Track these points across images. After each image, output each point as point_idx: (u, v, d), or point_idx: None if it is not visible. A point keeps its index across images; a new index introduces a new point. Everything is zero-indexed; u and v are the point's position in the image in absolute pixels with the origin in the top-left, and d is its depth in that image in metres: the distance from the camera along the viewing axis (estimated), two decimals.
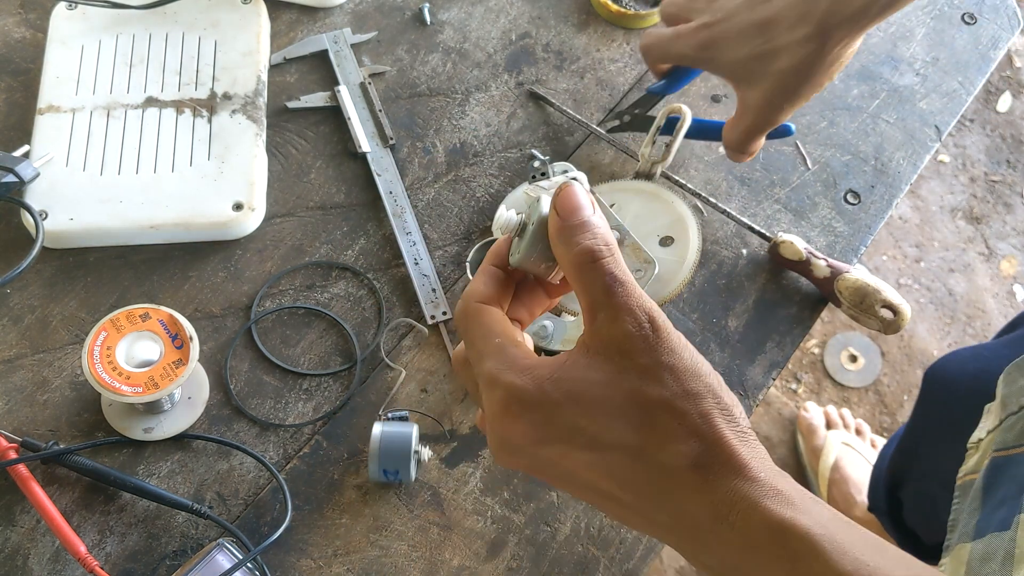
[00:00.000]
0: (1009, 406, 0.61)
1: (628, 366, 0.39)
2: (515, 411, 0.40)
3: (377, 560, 0.63)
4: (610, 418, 0.39)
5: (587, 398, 0.39)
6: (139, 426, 0.65)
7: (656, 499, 0.39)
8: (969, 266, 1.66)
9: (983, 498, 0.60)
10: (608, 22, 0.86)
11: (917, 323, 1.59)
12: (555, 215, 0.42)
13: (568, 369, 0.40)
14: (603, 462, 0.39)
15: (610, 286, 0.40)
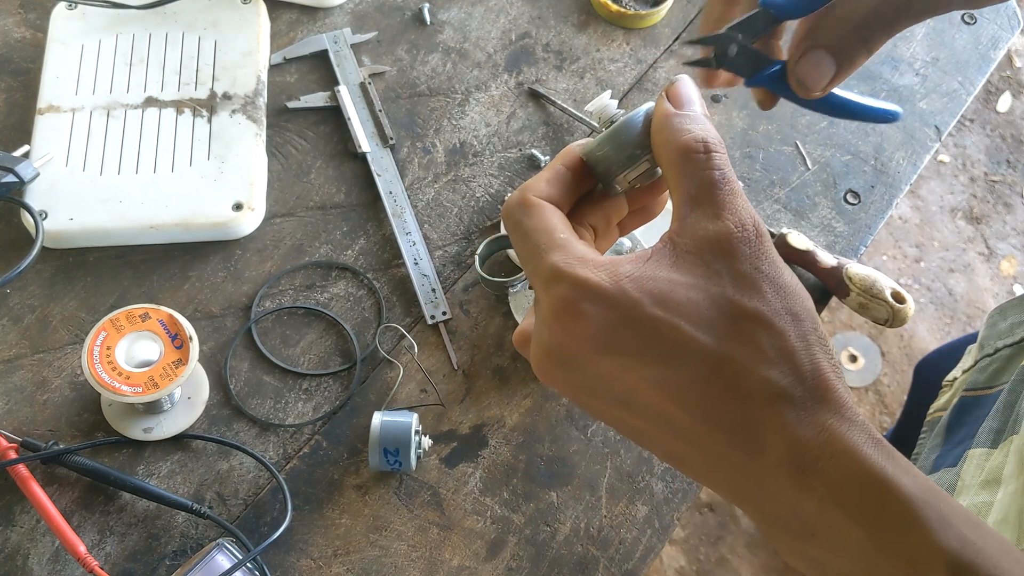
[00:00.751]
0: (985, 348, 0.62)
1: (723, 270, 0.33)
2: (582, 309, 0.33)
3: (377, 560, 0.63)
4: (695, 326, 0.33)
5: (671, 301, 0.33)
6: (139, 426, 0.65)
7: (731, 432, 0.33)
8: (969, 266, 1.66)
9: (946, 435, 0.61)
10: (608, 22, 0.86)
11: (917, 323, 1.60)
12: (665, 103, 0.37)
13: (651, 267, 0.34)
14: (675, 379, 0.33)
15: (717, 181, 0.35)
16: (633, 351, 0.33)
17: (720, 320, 0.33)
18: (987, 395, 0.60)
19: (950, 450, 0.59)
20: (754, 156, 0.80)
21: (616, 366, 0.34)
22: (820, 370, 0.32)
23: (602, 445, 0.68)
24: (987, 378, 0.61)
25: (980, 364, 0.62)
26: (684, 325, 0.33)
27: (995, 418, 0.55)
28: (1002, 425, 0.54)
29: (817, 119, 0.82)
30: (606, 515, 0.65)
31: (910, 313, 0.71)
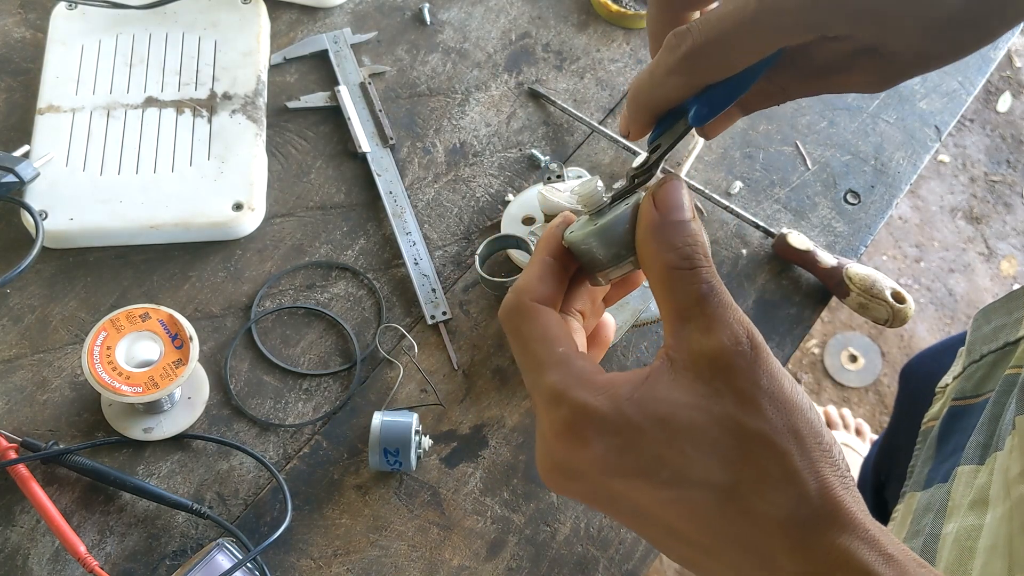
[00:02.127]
0: (972, 353, 0.61)
1: (722, 388, 0.33)
2: (586, 435, 0.34)
3: (377, 560, 0.63)
4: (699, 450, 0.33)
5: (674, 424, 0.33)
6: (139, 426, 0.65)
7: (742, 549, 0.33)
8: (969, 266, 1.66)
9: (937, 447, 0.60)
10: (608, 22, 0.86)
11: (917, 323, 1.60)
12: (652, 209, 0.36)
13: (651, 387, 0.34)
14: (685, 501, 0.33)
15: (706, 295, 0.34)
16: (640, 474, 0.33)
17: (725, 442, 0.33)
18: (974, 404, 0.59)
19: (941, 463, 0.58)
20: (754, 156, 0.80)
21: (626, 486, 0.34)
22: (827, 488, 0.32)
23: None
24: (973, 386, 0.60)
25: (968, 371, 0.61)
26: (689, 450, 0.33)
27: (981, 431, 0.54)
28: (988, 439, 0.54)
29: (817, 119, 0.82)
30: (606, 515, 0.65)
31: (910, 313, 0.71)
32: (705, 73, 0.35)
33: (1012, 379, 0.55)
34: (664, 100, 0.37)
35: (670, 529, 0.34)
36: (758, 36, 0.33)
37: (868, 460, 1.08)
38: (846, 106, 0.83)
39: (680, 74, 0.35)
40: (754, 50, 0.34)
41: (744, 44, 0.34)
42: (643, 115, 0.38)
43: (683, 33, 0.35)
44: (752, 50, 0.34)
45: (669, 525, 0.34)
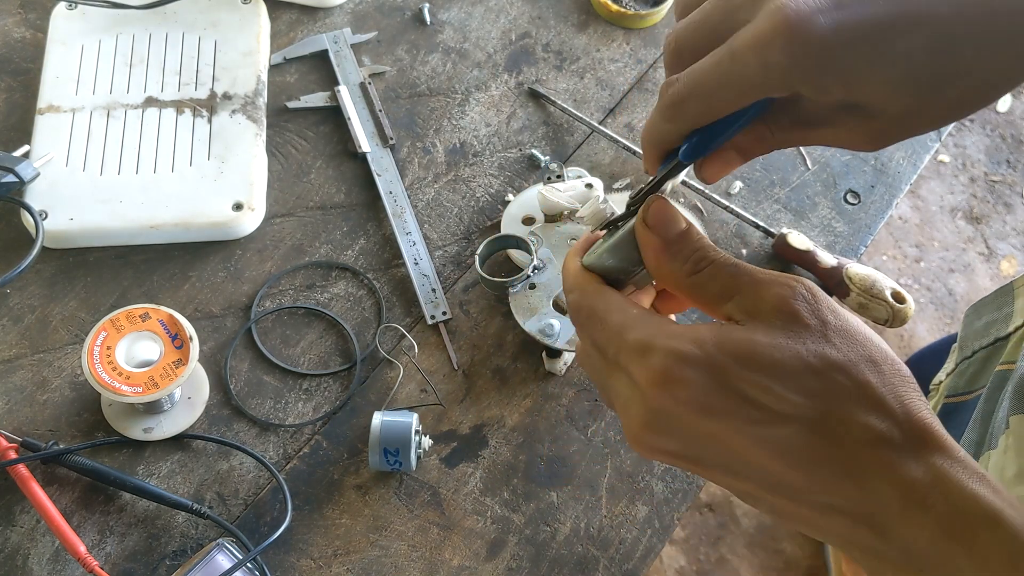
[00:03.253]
0: (964, 350, 0.61)
1: (795, 329, 0.35)
2: (678, 375, 0.35)
3: (377, 560, 0.63)
4: (785, 384, 0.34)
5: (758, 361, 0.34)
6: (139, 426, 0.65)
7: (835, 481, 0.34)
8: (969, 266, 1.66)
9: None
10: (608, 22, 0.86)
11: (917, 323, 1.60)
12: (648, 233, 0.39)
13: (730, 333, 0.35)
14: (776, 437, 0.34)
15: (735, 275, 0.37)
16: (731, 412, 0.34)
17: (807, 376, 0.34)
18: (967, 401, 0.59)
19: None
20: None
21: (717, 427, 0.35)
22: (913, 411, 0.34)
23: (602, 445, 0.68)
24: (966, 382, 0.60)
25: (960, 367, 0.61)
26: (774, 385, 0.34)
27: (974, 429, 0.54)
28: (981, 437, 0.53)
29: None
30: (606, 515, 0.65)
31: (910, 313, 0.71)
32: (689, 119, 0.38)
33: (1003, 375, 0.55)
34: (660, 141, 0.39)
35: (761, 472, 0.35)
36: (730, 90, 0.35)
37: None
38: None
39: (669, 120, 0.38)
40: (729, 102, 0.36)
41: (719, 96, 0.36)
42: (649, 154, 0.41)
43: (671, 83, 0.37)
44: (727, 102, 0.36)
45: (762, 466, 0.34)
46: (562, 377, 0.70)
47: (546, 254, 0.69)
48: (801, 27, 0.33)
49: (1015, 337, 0.57)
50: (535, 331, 0.66)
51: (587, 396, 0.69)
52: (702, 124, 0.38)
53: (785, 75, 0.34)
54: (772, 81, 0.35)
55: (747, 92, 0.36)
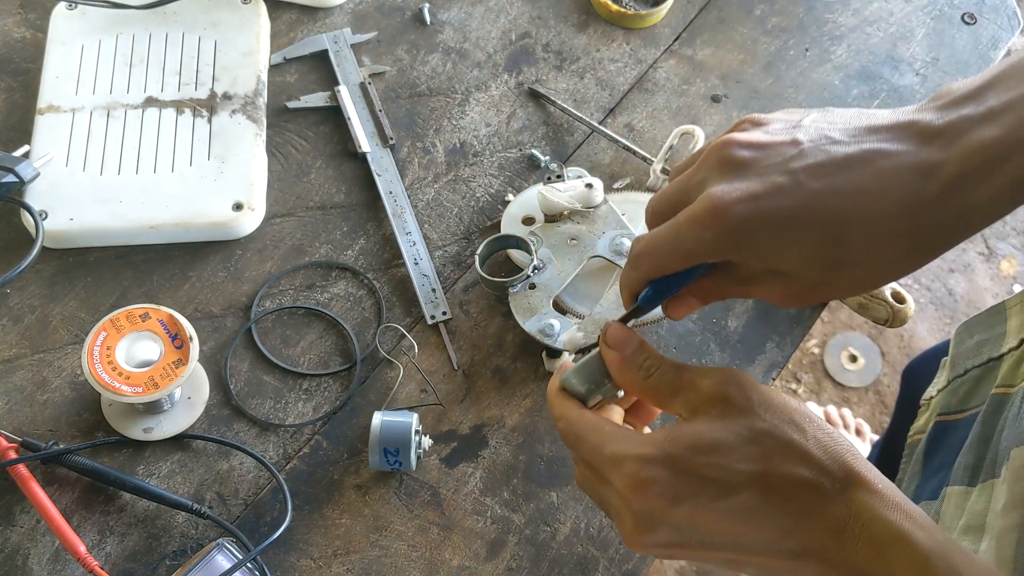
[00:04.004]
0: (956, 367, 0.61)
1: (728, 411, 0.43)
2: (646, 476, 0.42)
3: (377, 560, 0.63)
4: (730, 458, 0.41)
5: (705, 446, 0.42)
6: (139, 426, 0.65)
7: (787, 527, 0.41)
8: (969, 266, 1.66)
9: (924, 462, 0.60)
10: (608, 22, 0.86)
11: (917, 323, 1.60)
12: (609, 351, 0.48)
13: (678, 429, 0.43)
14: (734, 504, 0.41)
15: (677, 375, 0.46)
16: (695, 492, 0.42)
17: (745, 446, 0.42)
18: (960, 420, 0.59)
19: (928, 479, 0.58)
20: None
21: (690, 510, 0.42)
22: (836, 456, 0.41)
23: None
24: (959, 401, 0.60)
25: (952, 385, 0.61)
26: (722, 461, 0.42)
27: (970, 452, 0.54)
28: (978, 461, 0.53)
29: None
30: (606, 515, 0.65)
31: (910, 313, 0.71)
32: (646, 271, 0.47)
33: (1000, 399, 0.55)
34: (628, 285, 0.49)
35: (735, 537, 0.41)
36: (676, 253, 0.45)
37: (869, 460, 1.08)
38: (846, 106, 0.83)
39: (633, 269, 0.48)
40: (675, 261, 0.45)
41: (667, 256, 0.45)
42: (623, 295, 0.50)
43: (637, 240, 0.47)
44: (674, 261, 0.45)
45: (733, 533, 0.41)
46: None
47: (546, 254, 0.69)
48: (723, 211, 0.42)
49: (1009, 358, 0.57)
50: (535, 331, 0.66)
51: None
52: (657, 275, 0.47)
53: (713, 246, 0.43)
54: (704, 249, 0.43)
55: (687, 256, 0.45)
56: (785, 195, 0.42)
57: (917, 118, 0.42)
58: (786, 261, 0.43)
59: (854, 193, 0.41)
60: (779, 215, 0.42)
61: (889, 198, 0.41)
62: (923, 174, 0.40)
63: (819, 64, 0.85)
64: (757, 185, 0.42)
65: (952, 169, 0.40)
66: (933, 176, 0.40)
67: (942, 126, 0.41)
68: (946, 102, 0.42)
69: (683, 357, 0.71)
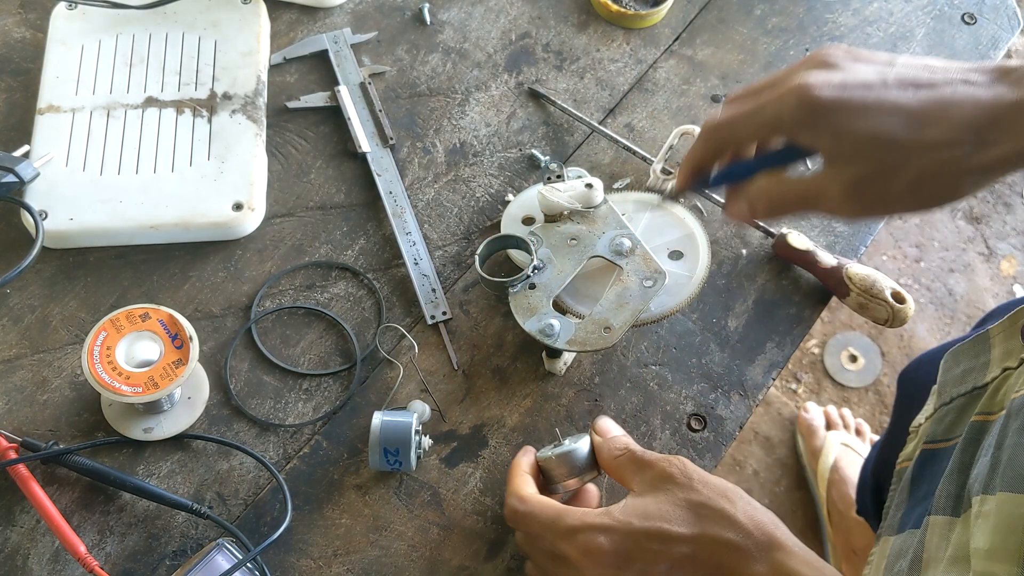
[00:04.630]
0: (943, 395, 0.61)
1: (670, 486, 0.54)
2: (598, 542, 0.52)
3: (377, 560, 0.63)
4: (670, 524, 0.52)
5: (649, 514, 0.53)
6: (139, 426, 0.65)
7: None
8: (969, 266, 1.66)
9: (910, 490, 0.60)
10: (608, 22, 0.86)
11: (917, 323, 1.60)
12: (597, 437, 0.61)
13: (628, 502, 0.55)
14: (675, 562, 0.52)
15: (637, 460, 0.57)
16: (641, 555, 0.52)
17: (683, 513, 0.53)
18: (945, 448, 0.58)
19: (913, 508, 0.58)
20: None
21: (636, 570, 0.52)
22: (760, 524, 0.52)
23: None
24: (944, 430, 0.59)
25: (939, 413, 0.61)
26: (664, 525, 0.53)
27: (951, 481, 0.54)
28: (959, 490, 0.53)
29: None
30: None
31: (910, 313, 0.71)
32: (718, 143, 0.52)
33: (978, 426, 0.55)
34: (693, 160, 0.53)
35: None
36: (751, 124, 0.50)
37: (868, 463, 1.07)
38: None
39: (704, 141, 0.52)
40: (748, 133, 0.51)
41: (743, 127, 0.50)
42: (684, 171, 0.54)
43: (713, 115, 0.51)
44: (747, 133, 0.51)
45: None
46: (562, 377, 0.70)
47: (546, 254, 0.69)
48: (810, 90, 0.47)
49: (991, 388, 0.57)
50: (535, 331, 0.66)
51: (587, 396, 0.69)
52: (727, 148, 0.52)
53: (793, 117, 0.48)
54: (784, 120, 0.48)
55: (764, 125, 0.49)
56: (871, 90, 0.47)
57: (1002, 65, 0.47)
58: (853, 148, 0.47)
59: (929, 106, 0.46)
60: (861, 105, 0.46)
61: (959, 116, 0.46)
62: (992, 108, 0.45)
63: None
64: (848, 76, 0.47)
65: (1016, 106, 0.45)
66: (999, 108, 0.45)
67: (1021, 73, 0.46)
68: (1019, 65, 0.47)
69: (683, 357, 0.71)
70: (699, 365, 0.71)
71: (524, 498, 0.57)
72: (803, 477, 1.39)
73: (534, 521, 0.56)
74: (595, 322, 0.65)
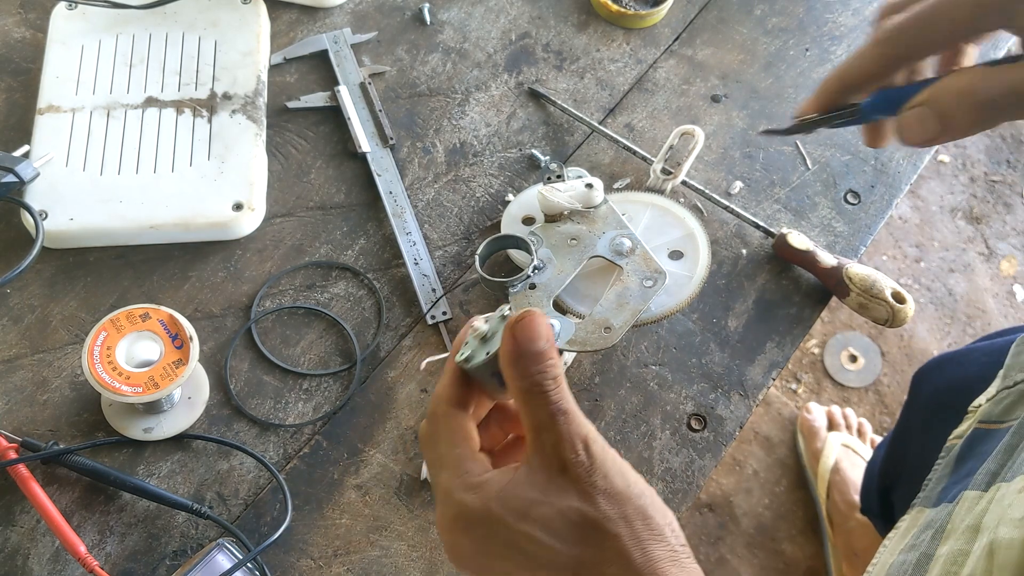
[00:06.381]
0: (1007, 379, 0.61)
1: (567, 486, 0.41)
2: (462, 527, 0.42)
3: (377, 560, 0.63)
4: (549, 536, 0.40)
5: (529, 516, 0.41)
6: (139, 426, 0.65)
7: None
8: (969, 266, 1.66)
9: (955, 466, 0.60)
10: (608, 22, 0.86)
11: (917, 323, 1.60)
12: (510, 340, 0.43)
13: (513, 486, 0.42)
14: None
15: (554, 415, 0.42)
16: (504, 556, 0.42)
17: (568, 529, 0.40)
18: (997, 430, 0.58)
19: (955, 483, 0.58)
20: (754, 156, 0.80)
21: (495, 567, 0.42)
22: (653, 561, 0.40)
23: None
24: (1001, 412, 0.59)
25: (999, 396, 0.61)
26: (539, 536, 0.41)
27: (995, 459, 0.54)
28: (999, 467, 0.53)
29: None
30: None
31: (910, 313, 0.71)
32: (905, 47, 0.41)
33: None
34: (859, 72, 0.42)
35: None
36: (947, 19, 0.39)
37: (874, 462, 1.07)
38: None
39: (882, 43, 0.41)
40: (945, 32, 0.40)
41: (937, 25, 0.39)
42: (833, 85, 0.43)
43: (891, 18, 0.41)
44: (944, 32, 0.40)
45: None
46: None
47: (546, 254, 0.69)
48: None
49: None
50: None
51: (586, 396, 0.69)
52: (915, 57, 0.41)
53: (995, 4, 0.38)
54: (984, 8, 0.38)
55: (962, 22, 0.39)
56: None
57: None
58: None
59: None
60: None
61: None
62: None
63: (819, 64, 0.85)
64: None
65: None
66: None
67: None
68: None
69: (683, 357, 0.71)
70: (699, 365, 0.71)
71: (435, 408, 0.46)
72: (803, 477, 1.39)
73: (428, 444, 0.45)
74: (595, 322, 0.65)
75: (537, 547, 0.41)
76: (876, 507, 1.00)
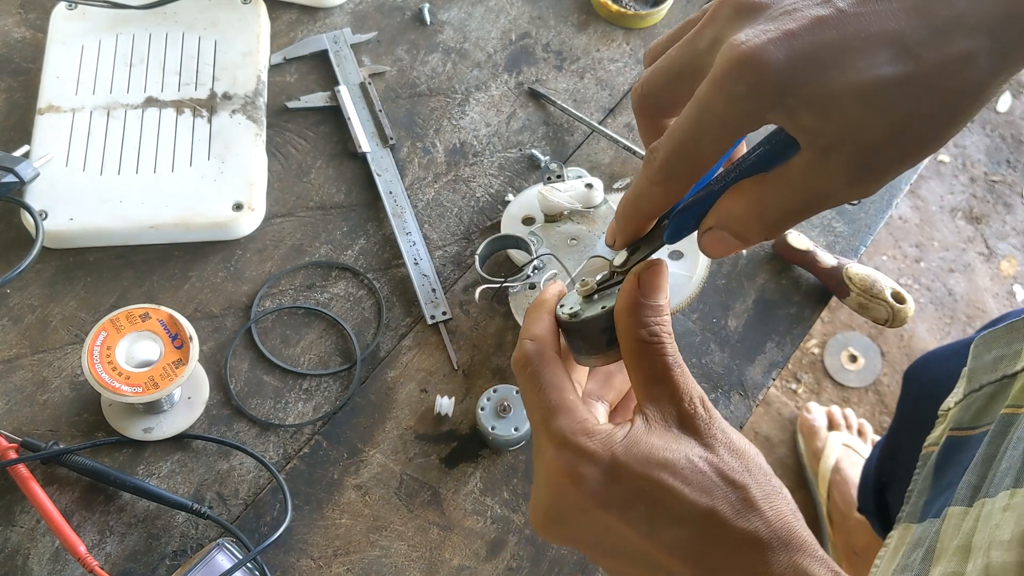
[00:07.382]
0: (972, 382, 0.60)
1: (690, 437, 0.40)
2: (582, 472, 0.39)
3: (377, 560, 0.63)
4: (681, 483, 0.39)
5: (654, 462, 0.39)
6: (139, 426, 0.65)
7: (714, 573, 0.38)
8: (969, 266, 1.66)
9: (934, 477, 0.60)
10: (608, 22, 0.86)
11: (917, 323, 1.59)
12: (635, 289, 0.41)
13: (635, 434, 0.40)
14: (664, 531, 0.39)
15: (671, 367, 0.41)
16: (626, 504, 0.39)
17: (696, 478, 0.39)
18: (972, 436, 0.58)
19: (936, 496, 0.58)
20: None
21: (611, 518, 0.39)
22: (781, 515, 0.39)
23: None
24: (972, 417, 0.59)
25: (967, 400, 0.60)
26: (672, 482, 0.38)
27: (974, 472, 0.53)
28: (979, 480, 0.53)
29: None
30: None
31: (910, 313, 0.71)
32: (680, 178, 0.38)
33: (1008, 419, 0.54)
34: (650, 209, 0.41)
35: (647, 560, 0.39)
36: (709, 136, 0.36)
37: (870, 461, 1.08)
38: None
39: (659, 183, 0.38)
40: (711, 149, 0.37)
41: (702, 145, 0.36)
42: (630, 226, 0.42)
43: (654, 148, 0.38)
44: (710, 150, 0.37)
45: (647, 556, 0.39)
46: None
47: (546, 254, 0.69)
48: (755, 57, 0.33)
49: (1021, 377, 0.56)
50: None
51: None
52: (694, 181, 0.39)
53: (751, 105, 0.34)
54: (741, 114, 0.34)
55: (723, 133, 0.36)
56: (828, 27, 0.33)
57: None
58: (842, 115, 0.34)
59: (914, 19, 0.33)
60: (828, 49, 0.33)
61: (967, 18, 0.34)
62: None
63: None
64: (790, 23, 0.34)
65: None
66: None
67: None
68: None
69: (683, 357, 0.70)
70: (699, 365, 0.71)
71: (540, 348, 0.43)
72: (803, 477, 1.39)
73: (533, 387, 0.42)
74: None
75: (667, 495, 0.38)
76: (872, 506, 1.00)
